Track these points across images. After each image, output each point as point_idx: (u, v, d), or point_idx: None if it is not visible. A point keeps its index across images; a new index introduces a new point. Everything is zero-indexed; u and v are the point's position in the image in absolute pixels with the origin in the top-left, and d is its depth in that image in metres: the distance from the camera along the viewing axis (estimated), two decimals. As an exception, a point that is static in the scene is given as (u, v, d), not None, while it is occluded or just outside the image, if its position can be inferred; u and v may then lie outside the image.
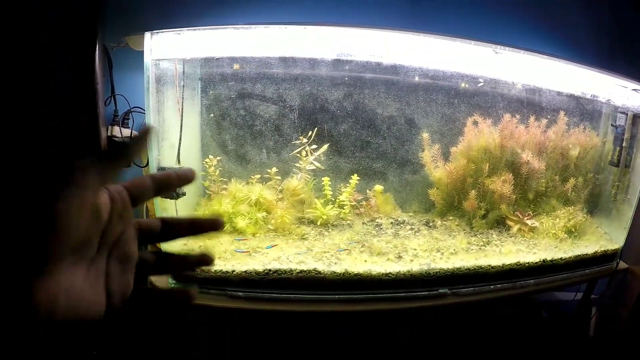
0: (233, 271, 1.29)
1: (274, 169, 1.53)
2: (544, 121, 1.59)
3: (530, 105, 1.58)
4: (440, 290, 1.38)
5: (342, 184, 1.55)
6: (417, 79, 1.50)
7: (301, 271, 1.29)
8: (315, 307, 1.32)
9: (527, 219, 1.58)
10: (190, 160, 1.54)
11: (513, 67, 1.49)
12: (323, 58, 1.40)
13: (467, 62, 1.45)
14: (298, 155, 1.51)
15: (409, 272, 1.34)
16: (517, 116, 1.55)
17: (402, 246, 1.42)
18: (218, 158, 1.53)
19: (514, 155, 1.55)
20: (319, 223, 1.49)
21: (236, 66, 1.42)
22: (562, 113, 1.60)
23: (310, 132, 1.47)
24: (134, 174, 1.52)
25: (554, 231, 1.61)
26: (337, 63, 1.45)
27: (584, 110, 1.67)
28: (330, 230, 1.48)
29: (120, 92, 1.54)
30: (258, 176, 1.53)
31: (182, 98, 1.44)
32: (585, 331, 1.97)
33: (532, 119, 1.57)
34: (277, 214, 1.45)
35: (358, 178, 1.53)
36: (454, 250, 1.44)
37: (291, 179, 1.48)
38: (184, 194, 1.35)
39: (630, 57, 1.84)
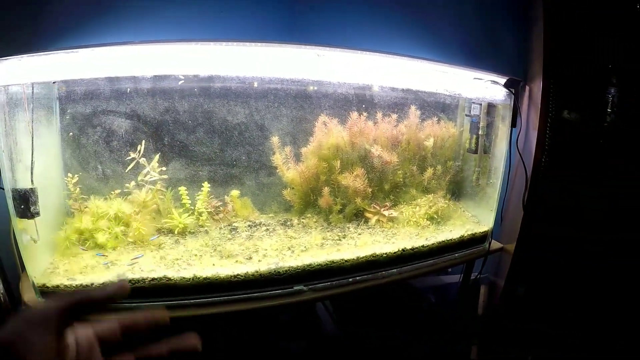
0: (92, 284, 1.49)
1: (133, 183, 1.73)
2: (394, 116, 1.80)
3: (381, 103, 1.80)
4: (296, 287, 1.60)
5: (199, 193, 1.75)
6: (257, 85, 1.71)
7: (153, 279, 1.50)
8: (171, 313, 1.53)
9: (384, 210, 1.81)
10: (51, 179, 1.73)
11: (360, 68, 1.71)
12: (146, 75, 1.61)
13: (309, 67, 1.66)
14: (146, 166, 1.70)
15: (257, 272, 1.57)
16: (365, 114, 1.76)
17: (253, 247, 1.64)
18: (77, 175, 1.72)
19: (365, 150, 1.77)
20: (176, 232, 1.70)
21: (62, 88, 1.62)
22: (412, 108, 1.82)
23: (139, 146, 1.67)
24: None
25: (414, 219, 1.84)
26: (176, 77, 1.64)
27: (439, 105, 1.90)
28: (187, 237, 1.69)
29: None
30: (118, 191, 1.74)
31: (32, 120, 1.63)
32: (474, 309, 2.22)
33: (379, 115, 1.78)
34: (135, 225, 1.65)
35: (210, 185, 1.75)
36: (305, 247, 1.66)
37: (139, 192, 1.68)
38: (37, 214, 1.53)
39: (494, 52, 2.07)
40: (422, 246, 1.80)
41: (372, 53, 1.66)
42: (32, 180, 1.61)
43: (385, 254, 1.72)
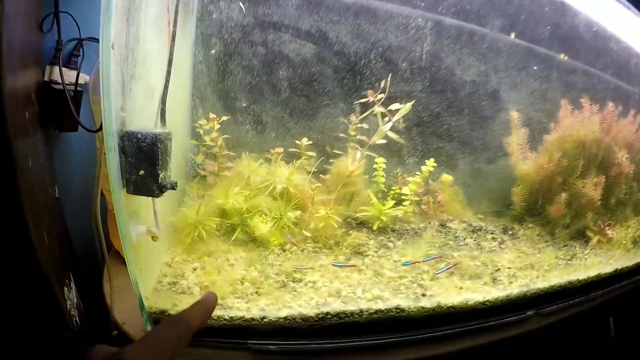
0: (263, 318, 0.69)
1: (305, 140, 0.92)
2: None
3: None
4: (528, 313, 0.92)
5: (398, 169, 1.00)
6: (512, 36, 0.99)
7: (377, 311, 0.72)
8: (386, 356, 0.78)
9: (607, 229, 1.18)
10: (174, 119, 0.87)
11: None
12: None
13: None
14: (356, 121, 0.91)
15: (507, 297, 0.87)
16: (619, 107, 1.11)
17: (492, 264, 0.92)
18: (224, 118, 0.89)
19: (609, 153, 1.13)
20: (375, 227, 0.92)
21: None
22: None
23: (383, 83, 0.88)
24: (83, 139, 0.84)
25: (624, 242, 1.23)
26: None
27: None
28: (392, 238, 0.92)
29: (68, 10, 0.84)
30: (280, 150, 0.92)
31: (176, 18, 0.78)
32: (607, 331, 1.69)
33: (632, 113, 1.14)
34: (316, 212, 0.86)
35: (410, 162, 0.99)
36: (549, 266, 0.98)
37: (344, 158, 0.89)
38: (172, 187, 0.68)
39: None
40: (626, 267, 1.22)
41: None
42: (163, 118, 0.76)
43: (604, 274, 1.11)
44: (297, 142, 0.93)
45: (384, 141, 0.89)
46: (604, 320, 1.63)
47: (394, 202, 0.94)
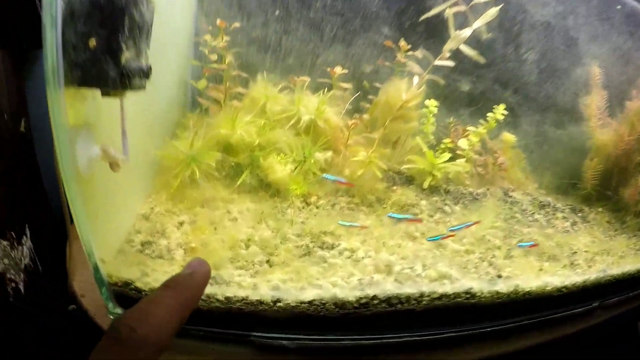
0: (277, 301, 0.44)
1: (338, 69, 0.69)
2: None
3: None
4: (593, 305, 0.73)
5: (451, 118, 0.77)
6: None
7: (442, 296, 0.48)
8: (439, 356, 0.55)
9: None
10: (170, 33, 0.62)
11: None
12: None
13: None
14: (407, 47, 0.68)
15: (583, 282, 0.68)
16: None
17: (567, 246, 0.70)
18: (236, 24, 0.64)
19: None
20: (425, 185, 0.68)
21: None
22: None
23: None
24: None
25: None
26: None
27: None
28: (447, 201, 0.69)
29: None
30: (306, 78, 0.68)
31: None
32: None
33: None
34: (354, 156, 0.62)
35: (473, 114, 0.76)
36: (624, 252, 0.77)
37: (397, 83, 0.65)
38: (144, 74, 0.43)
39: None
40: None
41: None
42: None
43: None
44: (328, 70, 0.68)
45: (450, 63, 0.65)
46: (632, 323, 1.43)
47: (450, 155, 0.70)
